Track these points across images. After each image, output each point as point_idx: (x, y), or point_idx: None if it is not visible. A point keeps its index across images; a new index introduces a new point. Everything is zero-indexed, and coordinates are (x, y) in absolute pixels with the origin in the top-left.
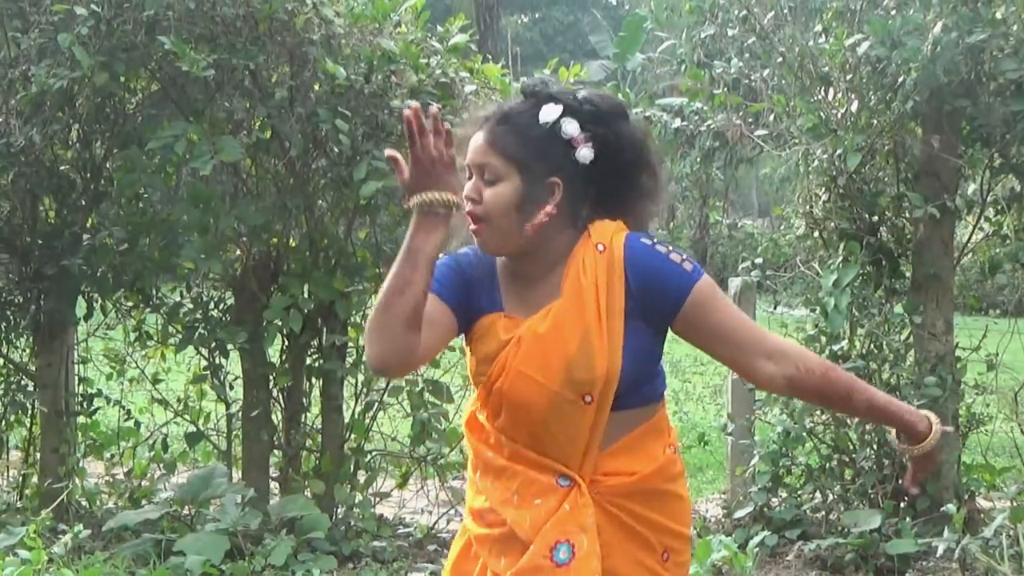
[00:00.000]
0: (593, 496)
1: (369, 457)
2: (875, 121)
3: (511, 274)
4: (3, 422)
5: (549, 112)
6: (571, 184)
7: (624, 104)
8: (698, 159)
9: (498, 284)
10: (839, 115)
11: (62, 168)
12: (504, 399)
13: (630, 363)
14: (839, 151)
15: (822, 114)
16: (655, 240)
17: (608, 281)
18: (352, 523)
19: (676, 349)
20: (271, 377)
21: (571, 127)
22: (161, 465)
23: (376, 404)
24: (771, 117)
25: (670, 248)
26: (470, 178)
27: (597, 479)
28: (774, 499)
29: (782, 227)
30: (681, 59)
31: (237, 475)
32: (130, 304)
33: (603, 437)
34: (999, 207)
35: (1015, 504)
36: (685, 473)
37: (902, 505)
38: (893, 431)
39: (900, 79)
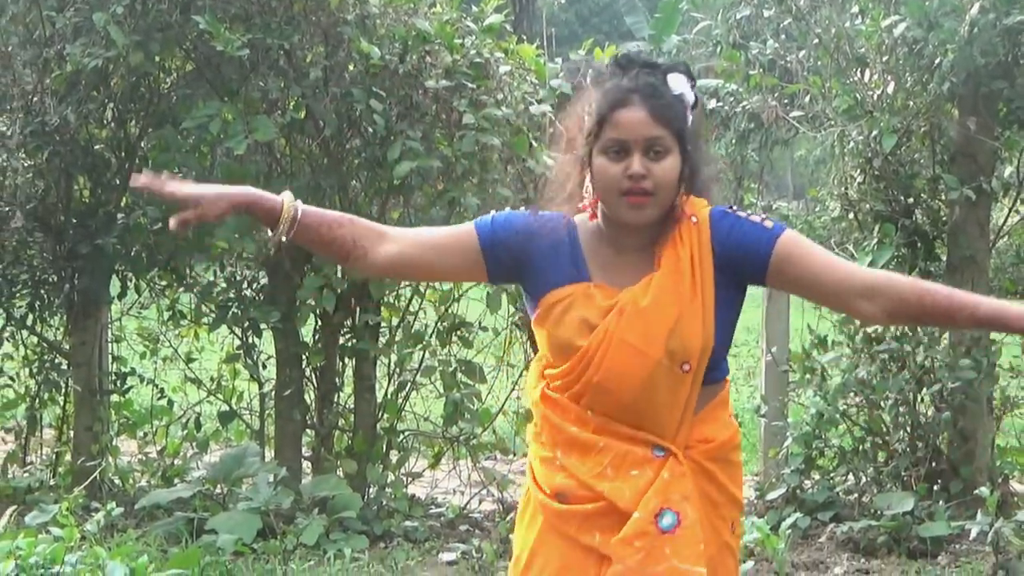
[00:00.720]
0: (689, 465)
1: (401, 437)
2: (911, 103)
3: (602, 244)
4: (37, 400)
5: (679, 82)
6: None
7: None
8: (733, 140)
9: (582, 254)
10: (875, 96)
11: (96, 147)
12: (600, 370)
13: (722, 333)
14: (875, 133)
15: (858, 95)
16: (734, 207)
17: (701, 253)
18: (384, 503)
19: None
20: (304, 357)
21: (690, 96)
22: (194, 444)
23: (409, 384)
24: (807, 98)
25: (749, 212)
26: (617, 155)
27: (691, 445)
28: (807, 481)
29: (816, 209)
30: (717, 40)
31: (269, 454)
32: (164, 283)
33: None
34: None
35: None
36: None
37: (935, 488)
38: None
39: (937, 60)
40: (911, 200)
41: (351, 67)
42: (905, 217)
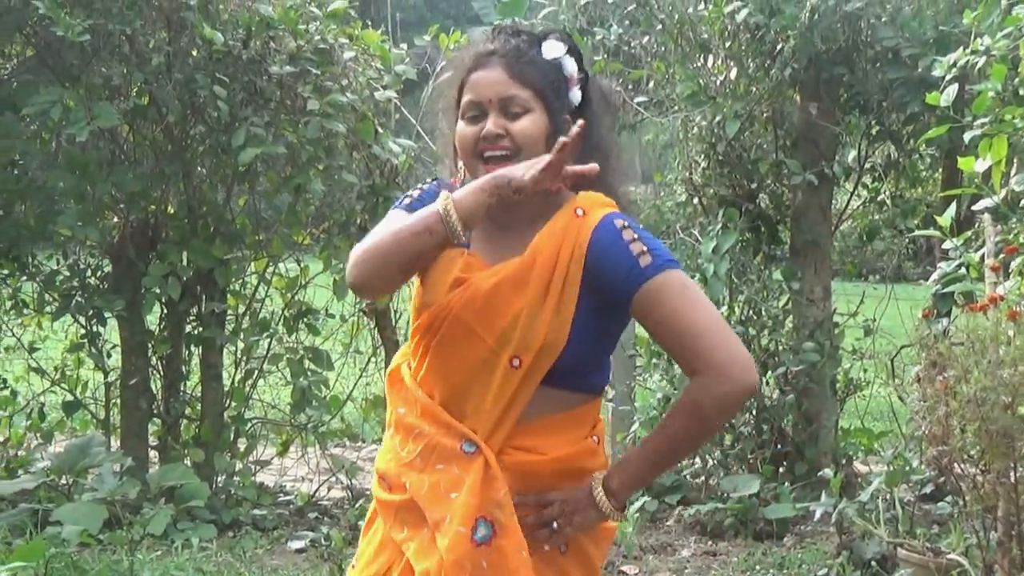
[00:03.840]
0: (504, 470)
1: (249, 425)
2: (754, 88)
3: (490, 217)
4: None
5: (554, 48)
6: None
7: None
8: None
9: None
10: (718, 82)
11: None
12: (436, 340)
13: (577, 340)
14: (718, 118)
15: (701, 81)
16: (630, 224)
17: (573, 250)
18: (232, 491)
19: None
20: (150, 345)
21: (571, 66)
22: (38, 434)
23: (256, 372)
24: (651, 84)
25: (638, 237)
26: (473, 118)
27: (507, 451)
28: None
29: (661, 194)
30: (563, 26)
31: (115, 444)
32: (5, 272)
33: (525, 409)
34: (876, 174)
35: (891, 468)
36: (608, 466)
37: (780, 470)
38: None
39: (778, 46)
40: (755, 185)
41: (194, 53)
42: (749, 202)
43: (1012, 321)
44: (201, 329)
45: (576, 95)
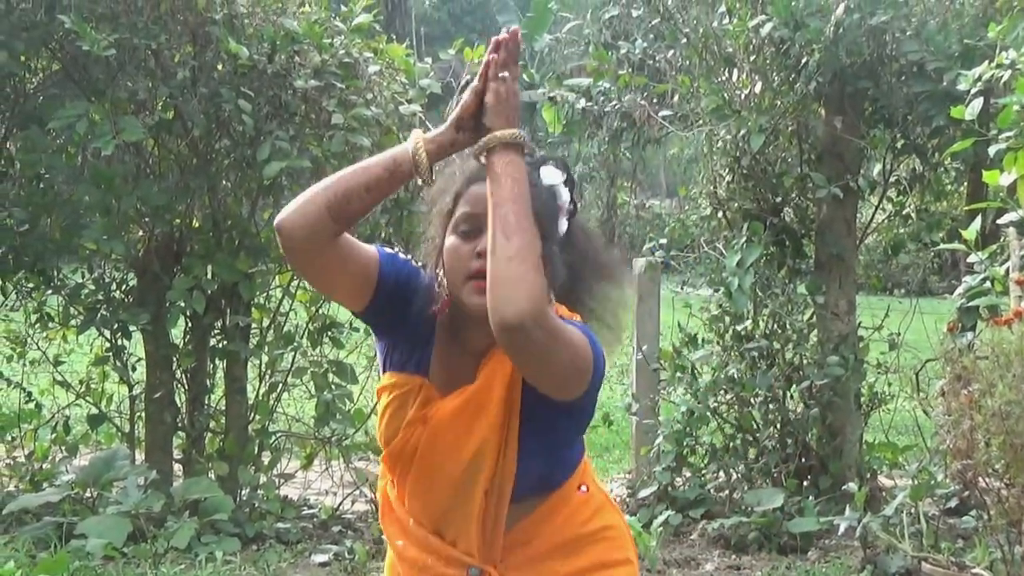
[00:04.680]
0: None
1: (273, 438)
2: (778, 102)
3: (450, 339)
4: None
5: (553, 175)
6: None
7: None
8: (606, 139)
9: (433, 346)
10: (743, 96)
11: None
12: (411, 475)
13: (527, 464)
14: (743, 132)
15: (726, 95)
16: (586, 328)
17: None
18: (256, 505)
19: None
20: (174, 358)
21: (565, 195)
22: (63, 447)
23: (280, 385)
24: (675, 98)
25: (582, 325)
26: (466, 233)
27: (503, 558)
28: (678, 478)
29: (686, 208)
30: (588, 40)
31: (140, 457)
32: (31, 286)
33: (506, 523)
34: (901, 187)
35: (916, 482)
36: (608, 500)
37: (805, 484)
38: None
39: (803, 60)
40: (779, 198)
41: (219, 67)
42: (773, 215)
43: None
44: (226, 342)
45: (564, 224)
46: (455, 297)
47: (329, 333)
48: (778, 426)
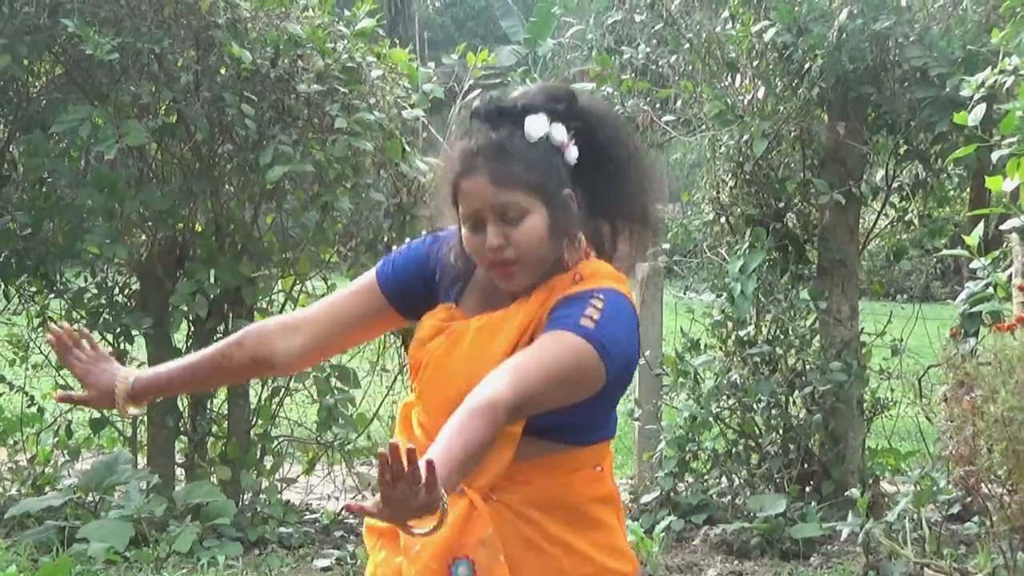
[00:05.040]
0: (492, 506)
1: (275, 443)
2: (781, 107)
3: (490, 283)
4: None
5: (537, 125)
6: (573, 190)
7: (573, 88)
8: None
9: (469, 282)
10: (746, 101)
11: None
12: (422, 384)
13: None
14: (745, 137)
15: (728, 100)
16: (606, 299)
17: (546, 308)
18: (258, 509)
19: None
20: None
21: (559, 132)
22: (65, 451)
23: (282, 390)
24: (678, 103)
25: (601, 309)
26: (474, 227)
27: (502, 487)
28: (680, 484)
29: (689, 213)
30: (591, 44)
31: (142, 461)
32: (33, 289)
33: (516, 452)
34: (904, 193)
35: (918, 488)
36: (617, 501)
37: (807, 490)
38: None
39: (806, 66)
40: (782, 204)
41: (222, 71)
42: (776, 221)
43: None
44: None
45: (572, 153)
46: (486, 273)
47: None
48: (780, 432)
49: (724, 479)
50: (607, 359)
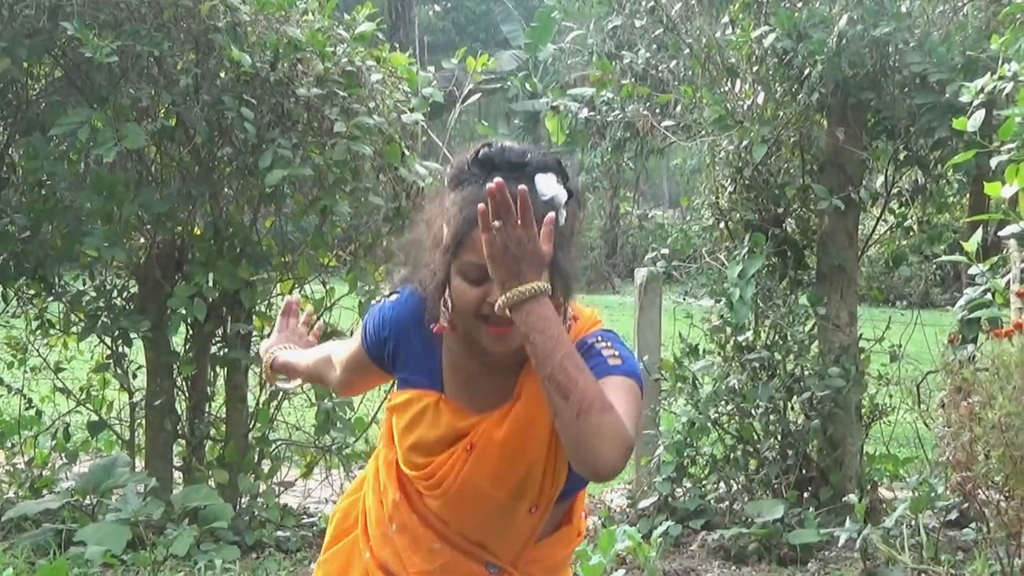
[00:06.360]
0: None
1: (273, 446)
2: (781, 113)
3: (463, 357)
4: None
5: (549, 184)
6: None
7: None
8: (609, 149)
9: (439, 361)
10: (745, 107)
11: None
12: (441, 498)
13: (572, 478)
14: (745, 142)
15: (728, 105)
16: (606, 339)
17: None
18: (256, 513)
19: None
20: (175, 366)
21: (562, 196)
22: (63, 454)
23: (280, 393)
24: (678, 108)
25: (611, 345)
26: (477, 280)
27: (525, 563)
28: (678, 489)
29: (688, 218)
30: (591, 49)
31: (140, 464)
32: (32, 292)
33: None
34: (903, 199)
35: (916, 494)
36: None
37: (805, 495)
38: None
39: (806, 71)
40: (781, 209)
41: (222, 75)
42: (775, 226)
43: None
44: (226, 350)
45: (563, 216)
46: (469, 333)
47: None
48: (779, 437)
49: (722, 484)
50: (642, 388)
